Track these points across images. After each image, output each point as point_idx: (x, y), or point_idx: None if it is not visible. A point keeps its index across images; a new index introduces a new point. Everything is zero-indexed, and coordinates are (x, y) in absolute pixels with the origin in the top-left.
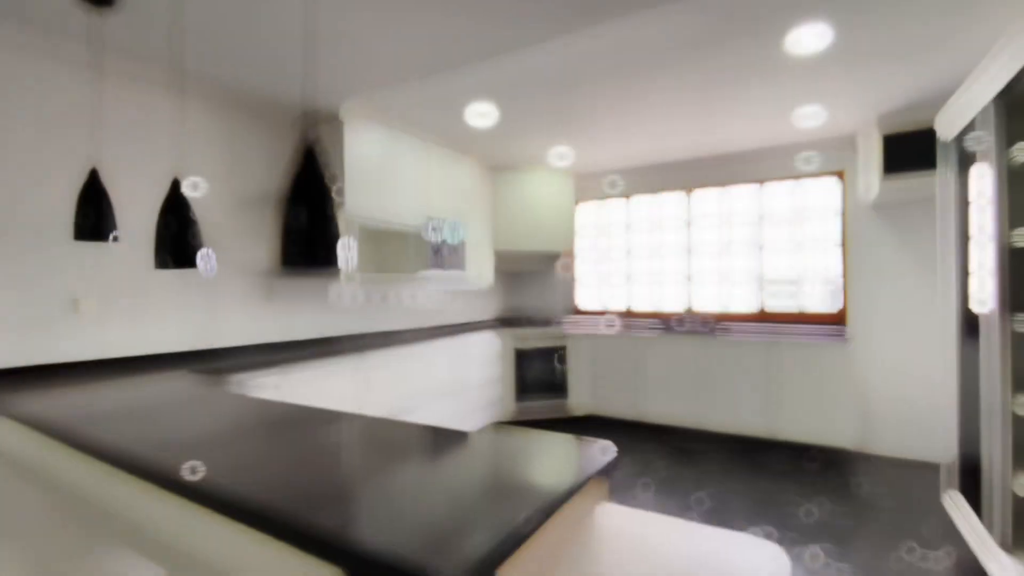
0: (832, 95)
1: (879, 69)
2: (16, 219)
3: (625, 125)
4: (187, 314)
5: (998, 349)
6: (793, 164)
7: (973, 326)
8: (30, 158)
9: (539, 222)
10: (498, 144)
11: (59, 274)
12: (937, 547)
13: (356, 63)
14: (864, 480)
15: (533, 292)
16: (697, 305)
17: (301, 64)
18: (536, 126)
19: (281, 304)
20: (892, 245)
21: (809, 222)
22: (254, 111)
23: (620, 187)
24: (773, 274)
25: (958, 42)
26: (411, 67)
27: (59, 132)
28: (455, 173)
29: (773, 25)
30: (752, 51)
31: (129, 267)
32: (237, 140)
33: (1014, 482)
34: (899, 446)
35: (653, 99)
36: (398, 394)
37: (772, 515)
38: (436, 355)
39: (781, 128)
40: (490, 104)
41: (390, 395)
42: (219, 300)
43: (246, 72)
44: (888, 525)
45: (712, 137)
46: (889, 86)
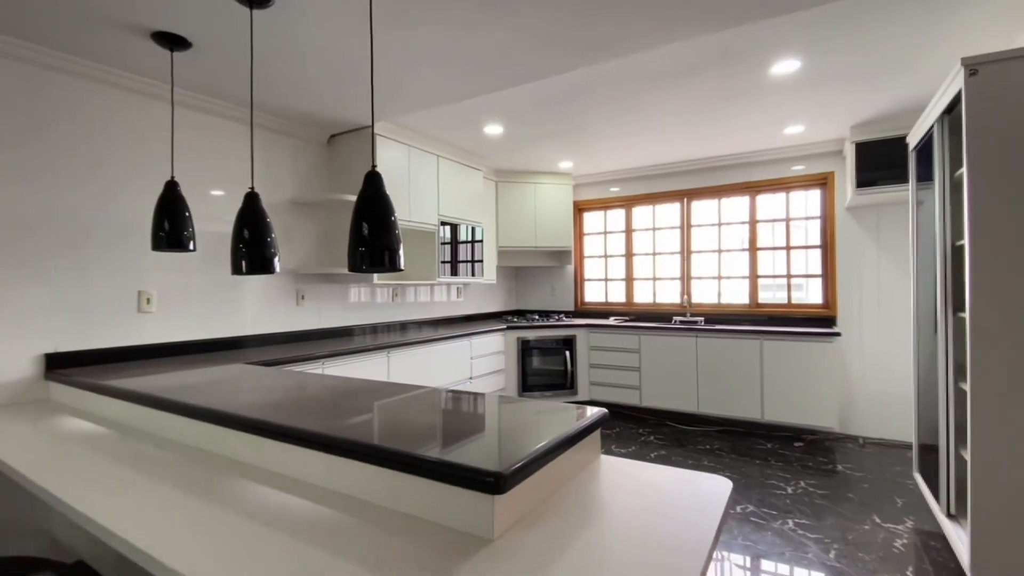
0: (811, 111)
1: (850, 88)
2: (102, 224)
3: (623, 136)
4: (233, 307)
5: (943, 340)
6: (782, 170)
7: (930, 319)
8: (118, 174)
9: (541, 222)
10: (505, 155)
11: (130, 272)
12: (901, 520)
13: (389, 93)
14: (844, 460)
15: (538, 288)
16: (694, 300)
17: (341, 92)
18: (540, 139)
19: (311, 300)
20: (873, 245)
21: (798, 223)
22: (287, 130)
23: (620, 191)
24: (764, 272)
25: (919, 64)
26: (432, 98)
27: (142, 152)
28: (465, 179)
29: (750, 57)
30: (733, 78)
31: (185, 267)
32: (272, 154)
33: (956, 458)
34: (880, 428)
35: (649, 114)
36: (413, 381)
37: (756, 489)
38: (446, 346)
39: (770, 138)
40: (499, 122)
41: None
42: (259, 296)
43: (288, 98)
44: (861, 499)
45: (705, 146)
46: (860, 102)
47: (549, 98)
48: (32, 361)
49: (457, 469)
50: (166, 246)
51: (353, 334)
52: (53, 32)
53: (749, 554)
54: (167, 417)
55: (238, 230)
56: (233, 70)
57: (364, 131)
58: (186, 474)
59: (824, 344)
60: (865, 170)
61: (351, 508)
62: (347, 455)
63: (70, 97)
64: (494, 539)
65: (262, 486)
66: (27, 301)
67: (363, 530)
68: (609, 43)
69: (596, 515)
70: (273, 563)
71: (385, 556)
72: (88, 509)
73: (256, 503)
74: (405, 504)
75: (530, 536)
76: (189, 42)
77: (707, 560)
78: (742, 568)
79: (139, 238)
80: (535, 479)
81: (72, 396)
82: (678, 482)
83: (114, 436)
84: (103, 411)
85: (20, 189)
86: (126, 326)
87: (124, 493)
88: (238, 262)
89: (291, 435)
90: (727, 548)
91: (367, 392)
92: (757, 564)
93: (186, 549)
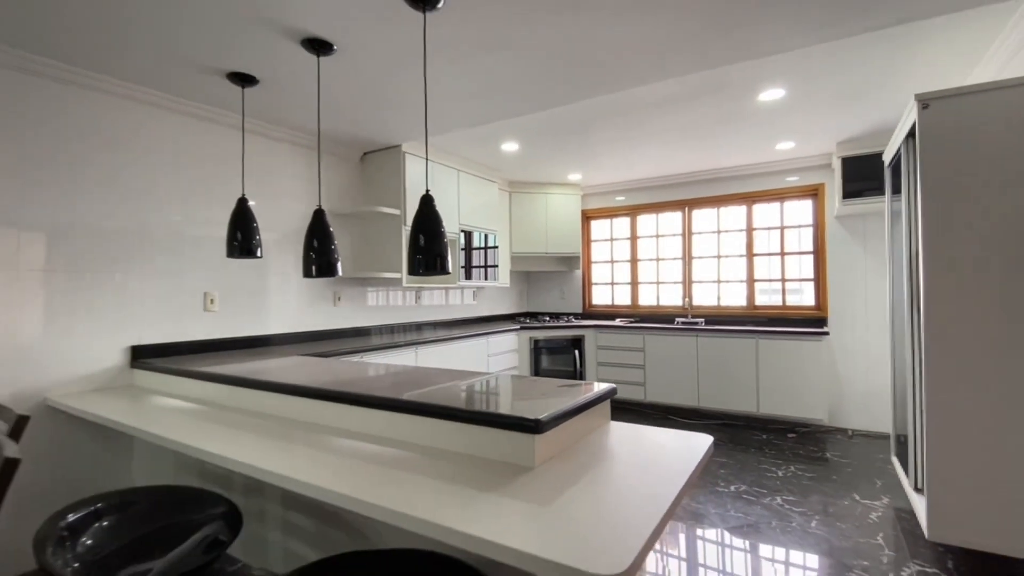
0: (799, 130)
1: (832, 111)
2: (175, 235)
3: (628, 152)
4: (280, 307)
5: (909, 338)
6: (777, 181)
7: (903, 320)
8: (186, 190)
9: (551, 230)
10: (518, 168)
11: (198, 276)
12: (878, 497)
13: (417, 118)
14: (833, 449)
15: (549, 291)
16: (695, 303)
17: (379, 117)
18: (552, 155)
19: (346, 301)
20: (861, 251)
21: (791, 231)
22: (326, 149)
23: (625, 200)
24: (760, 276)
25: (893, 89)
26: (455, 122)
27: (206, 171)
28: (482, 191)
29: (739, 87)
30: (725, 103)
31: (242, 271)
32: (314, 171)
33: (922, 441)
34: (867, 421)
35: (652, 133)
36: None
37: (750, 473)
38: (466, 344)
39: (764, 152)
40: (515, 141)
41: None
42: (302, 298)
43: (335, 123)
44: (844, 481)
45: (705, 159)
46: (844, 123)
47: (561, 120)
48: (121, 352)
49: (509, 418)
50: (239, 254)
51: (382, 332)
52: (145, 71)
53: (740, 523)
54: (249, 393)
55: (308, 240)
56: (290, 101)
57: (394, 149)
58: (276, 431)
59: (814, 343)
60: (851, 182)
61: (421, 451)
62: (418, 413)
63: (149, 123)
64: (534, 467)
65: (338, 438)
66: (116, 301)
67: (434, 462)
68: (613, 79)
69: (606, 456)
70: (367, 477)
71: (455, 475)
72: (221, 452)
73: (338, 447)
74: (461, 446)
75: (559, 466)
76: (257, 80)
77: (686, 482)
78: (732, 532)
79: (204, 245)
80: (562, 428)
81: (154, 380)
82: (670, 437)
83: (204, 409)
84: (186, 391)
85: (113, 206)
86: (194, 323)
87: (236, 443)
88: (308, 267)
89: (376, 403)
90: (721, 520)
91: (416, 374)
92: (747, 531)
93: (301, 472)
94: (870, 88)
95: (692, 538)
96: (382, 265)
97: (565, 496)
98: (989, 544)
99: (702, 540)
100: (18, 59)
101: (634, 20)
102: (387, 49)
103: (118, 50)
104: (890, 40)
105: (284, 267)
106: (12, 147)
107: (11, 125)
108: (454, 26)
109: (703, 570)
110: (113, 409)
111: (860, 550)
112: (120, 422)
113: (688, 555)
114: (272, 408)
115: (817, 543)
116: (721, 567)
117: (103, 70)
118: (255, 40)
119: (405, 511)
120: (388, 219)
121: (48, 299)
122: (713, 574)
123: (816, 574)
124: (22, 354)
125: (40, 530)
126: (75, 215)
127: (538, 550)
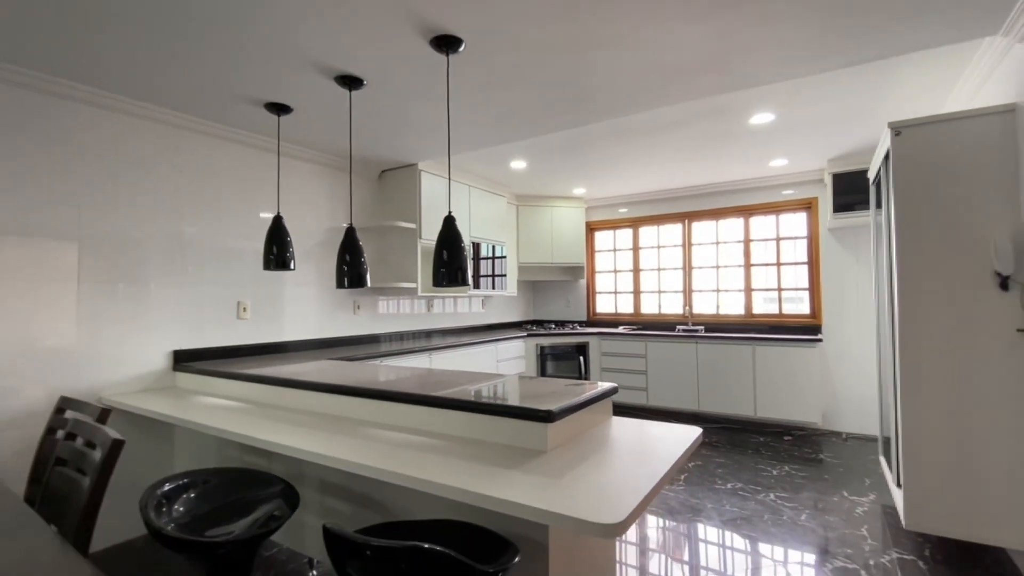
0: (790, 149)
1: (820, 133)
2: (213, 248)
3: (630, 168)
4: (305, 315)
5: (891, 345)
6: (774, 195)
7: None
8: (222, 208)
9: (556, 241)
10: (526, 183)
11: (232, 286)
12: (866, 494)
13: (432, 140)
14: (827, 451)
15: (554, 300)
16: (695, 311)
17: (398, 140)
18: (558, 171)
19: (364, 310)
20: (853, 261)
21: (787, 242)
22: (347, 167)
23: (628, 212)
24: (758, 285)
25: (876, 113)
26: (469, 145)
27: (239, 189)
28: (491, 204)
29: (731, 112)
30: (719, 126)
31: (272, 282)
32: (336, 188)
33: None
34: (861, 425)
35: (653, 151)
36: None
37: (746, 472)
38: (477, 349)
39: (759, 168)
40: (523, 159)
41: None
42: (325, 307)
43: (361, 147)
44: (835, 480)
45: (703, 175)
46: (832, 142)
47: (566, 140)
48: (164, 356)
49: (526, 410)
50: (274, 266)
51: (396, 339)
52: (189, 101)
53: (735, 516)
54: (290, 392)
55: (341, 255)
56: (318, 127)
57: (410, 168)
58: (321, 425)
59: (809, 349)
60: (841, 196)
61: (450, 439)
62: (450, 408)
63: (190, 146)
64: (546, 451)
65: (376, 429)
66: (160, 308)
67: (463, 447)
68: (614, 107)
69: (608, 443)
70: (408, 459)
71: (481, 457)
72: (278, 440)
73: (377, 436)
74: (485, 435)
75: (567, 450)
76: (292, 109)
77: (676, 462)
78: (727, 524)
79: (238, 258)
80: (570, 420)
81: (195, 382)
82: (664, 429)
83: (248, 406)
84: (227, 391)
85: (164, 222)
86: (229, 329)
87: (289, 434)
88: (341, 279)
89: (414, 399)
90: (717, 513)
91: (439, 375)
92: (740, 523)
93: (352, 455)
94: (854, 114)
95: (690, 529)
96: (398, 276)
97: (573, 472)
98: (961, 532)
99: (699, 529)
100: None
101: (634, 58)
102: (411, 83)
103: (165, 81)
104: (871, 72)
105: (307, 278)
106: (70, 174)
107: (70, 155)
108: (473, 66)
109: (701, 553)
110: (166, 406)
111: (845, 540)
112: (182, 418)
113: (687, 544)
114: (312, 405)
115: (805, 534)
116: (716, 554)
117: (145, 98)
118: (295, 76)
119: (446, 483)
120: (404, 232)
121: (102, 308)
122: (708, 560)
123: (803, 561)
124: (81, 358)
125: (143, 497)
126: (127, 230)
127: (554, 508)
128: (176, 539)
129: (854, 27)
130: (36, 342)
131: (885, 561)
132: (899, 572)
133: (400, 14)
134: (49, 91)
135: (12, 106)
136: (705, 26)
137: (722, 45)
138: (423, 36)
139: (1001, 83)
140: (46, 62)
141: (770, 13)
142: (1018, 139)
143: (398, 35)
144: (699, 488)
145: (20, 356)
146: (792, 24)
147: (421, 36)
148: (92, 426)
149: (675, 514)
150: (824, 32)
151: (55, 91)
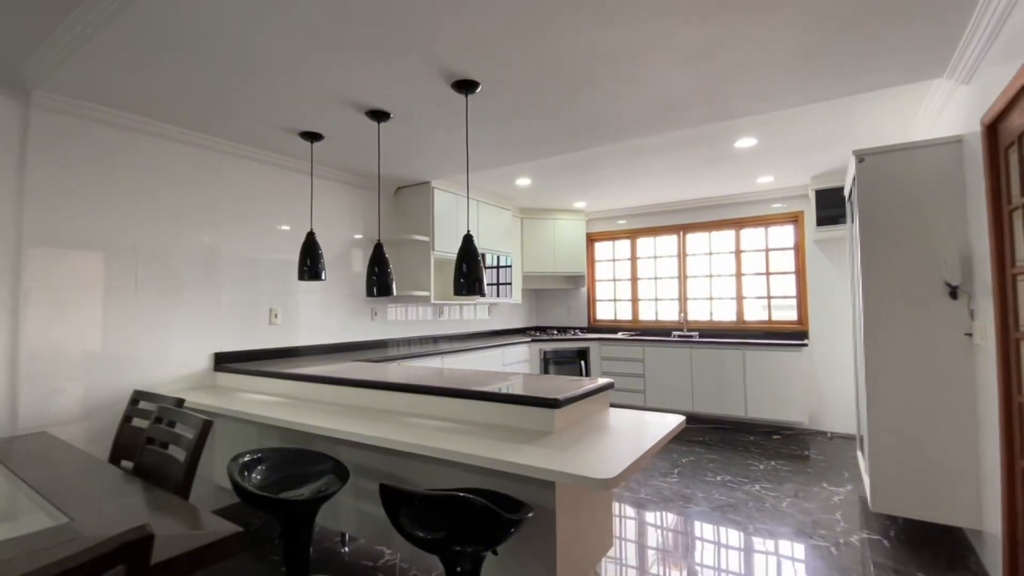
0: (775, 167)
1: (801, 154)
2: (248, 260)
3: (628, 184)
4: (327, 321)
5: (862, 349)
6: (764, 208)
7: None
8: (255, 224)
9: (558, 251)
10: (530, 197)
11: (264, 294)
12: (843, 485)
13: (446, 162)
14: (813, 449)
15: (556, 307)
16: (690, 317)
17: (417, 162)
18: (560, 187)
19: (380, 316)
20: (836, 271)
21: (776, 252)
22: (366, 184)
23: (626, 224)
24: (748, 293)
25: (850, 138)
26: (480, 166)
27: (270, 206)
28: (497, 217)
29: (717, 137)
30: (707, 149)
31: (299, 291)
32: (356, 204)
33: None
34: (845, 425)
35: (648, 170)
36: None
37: (735, 467)
38: (484, 353)
39: (748, 184)
40: (528, 177)
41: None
42: (345, 313)
43: (383, 168)
44: (816, 473)
45: (697, 190)
46: (813, 162)
47: (569, 160)
48: (208, 357)
49: (537, 399)
50: (308, 277)
51: (409, 344)
52: (231, 129)
53: (722, 504)
54: (328, 387)
55: (371, 267)
56: (345, 151)
57: (424, 185)
58: (359, 415)
59: (796, 353)
60: (824, 210)
61: (473, 424)
62: (474, 398)
63: (224, 168)
64: (554, 431)
65: (407, 417)
66: (203, 314)
67: (485, 429)
68: (615, 134)
69: (606, 427)
70: (439, 438)
71: (500, 436)
72: (326, 425)
73: (409, 423)
74: (502, 420)
75: (571, 432)
76: (323, 136)
77: (660, 439)
78: (715, 510)
79: (270, 269)
80: (574, 407)
81: (235, 381)
82: (653, 417)
83: (288, 401)
84: (268, 388)
85: (206, 237)
86: (262, 334)
87: (334, 422)
88: (371, 288)
89: (433, 391)
90: (706, 501)
91: (459, 373)
92: (727, 509)
93: (395, 436)
94: (830, 139)
95: (681, 513)
96: (413, 285)
97: (576, 446)
98: (920, 513)
99: (689, 512)
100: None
101: (630, 97)
102: (432, 117)
103: (219, 114)
104: (843, 104)
105: (329, 286)
106: (124, 193)
107: (127, 176)
108: (488, 103)
109: (696, 532)
110: (220, 400)
111: (820, 523)
112: (240, 410)
113: (678, 526)
114: (348, 399)
115: (784, 518)
116: (704, 534)
117: (201, 128)
118: (331, 110)
119: (473, 452)
120: (418, 244)
121: (153, 316)
122: (696, 538)
123: (781, 539)
124: (137, 359)
125: (229, 466)
126: (170, 245)
127: (560, 468)
128: (261, 496)
129: (820, 69)
130: (106, 344)
131: (855, 540)
132: (867, 549)
133: (427, 62)
134: (133, 127)
135: (99, 141)
136: (691, 71)
137: (705, 84)
138: (446, 80)
139: (952, 116)
140: (139, 102)
141: (746, 60)
142: (964, 167)
143: (424, 78)
144: (691, 480)
145: (93, 356)
146: (764, 69)
147: (444, 80)
148: (180, 412)
149: (668, 502)
150: (790, 75)
151: (134, 127)
